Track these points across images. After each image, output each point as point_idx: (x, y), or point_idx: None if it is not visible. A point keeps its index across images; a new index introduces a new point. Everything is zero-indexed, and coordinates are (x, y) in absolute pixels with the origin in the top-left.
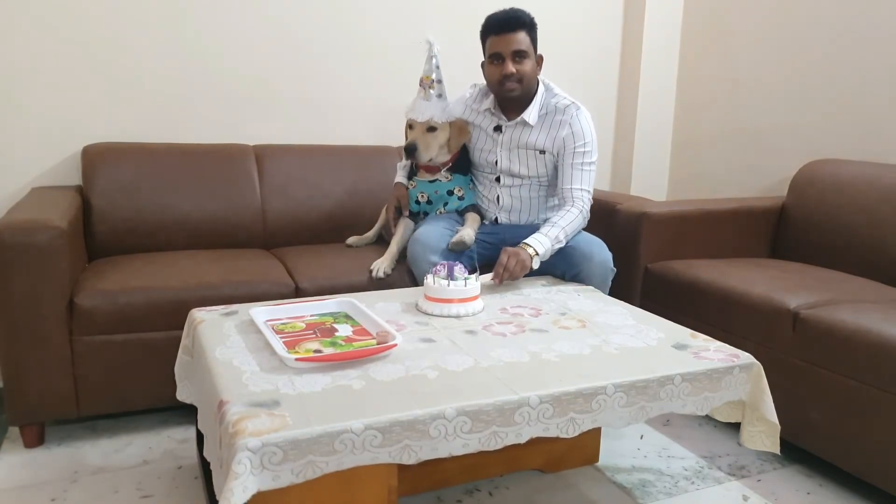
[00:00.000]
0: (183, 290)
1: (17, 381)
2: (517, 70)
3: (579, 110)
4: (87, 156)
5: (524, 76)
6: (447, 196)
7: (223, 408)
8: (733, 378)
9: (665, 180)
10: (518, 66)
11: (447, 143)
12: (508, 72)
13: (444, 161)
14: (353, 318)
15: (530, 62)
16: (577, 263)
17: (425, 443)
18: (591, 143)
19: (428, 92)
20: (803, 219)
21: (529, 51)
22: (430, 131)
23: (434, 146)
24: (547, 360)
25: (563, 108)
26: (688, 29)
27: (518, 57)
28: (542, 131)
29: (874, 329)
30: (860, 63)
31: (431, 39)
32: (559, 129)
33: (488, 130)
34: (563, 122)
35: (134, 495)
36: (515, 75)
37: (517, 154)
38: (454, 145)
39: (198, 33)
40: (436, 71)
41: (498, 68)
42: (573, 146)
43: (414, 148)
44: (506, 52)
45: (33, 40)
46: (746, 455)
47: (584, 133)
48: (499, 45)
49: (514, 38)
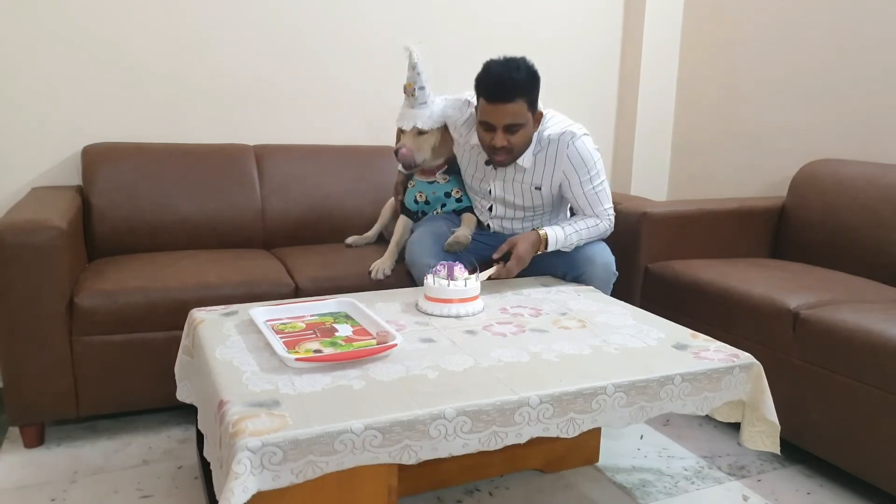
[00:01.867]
0: (183, 290)
1: (16, 381)
2: (509, 142)
3: (574, 138)
4: (87, 156)
5: (515, 147)
6: (444, 198)
7: (223, 408)
8: (733, 378)
9: (665, 180)
10: (510, 136)
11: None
12: (498, 145)
13: (439, 164)
14: (353, 318)
15: (525, 130)
16: (580, 266)
17: (425, 443)
18: (596, 164)
19: (411, 99)
20: (803, 219)
21: (525, 120)
22: (420, 135)
23: (425, 148)
24: (547, 360)
25: (556, 139)
26: (688, 29)
27: (511, 129)
28: (538, 168)
29: (874, 329)
30: (860, 63)
31: (411, 47)
32: (556, 163)
33: (478, 162)
34: (560, 155)
35: (134, 495)
36: (506, 148)
37: (511, 186)
38: (443, 151)
39: (198, 33)
40: (417, 78)
41: (488, 135)
42: (578, 178)
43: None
44: (497, 124)
45: (33, 40)
46: (746, 455)
47: (586, 160)
48: (490, 115)
49: (507, 109)
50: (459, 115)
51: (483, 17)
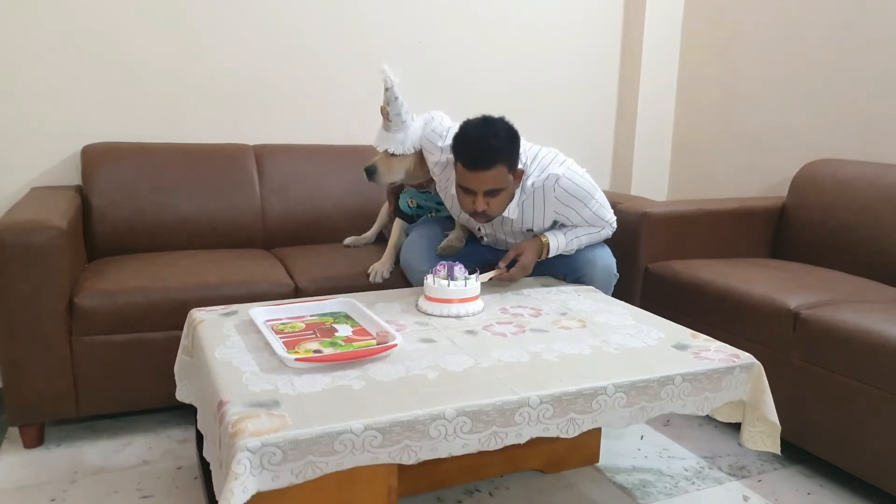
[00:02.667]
0: (182, 290)
1: (16, 381)
2: (489, 205)
3: (559, 180)
4: (87, 156)
5: (496, 211)
6: (437, 206)
7: (223, 408)
8: (734, 378)
9: (665, 180)
10: (490, 199)
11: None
12: (479, 210)
13: (417, 185)
14: (353, 318)
15: (505, 192)
16: (580, 268)
17: (425, 443)
18: (588, 192)
19: (387, 123)
20: (803, 219)
21: (505, 183)
22: (392, 157)
23: (397, 170)
24: (547, 360)
25: (540, 186)
26: (688, 29)
27: (491, 193)
28: (526, 215)
29: (874, 329)
30: (860, 63)
31: (386, 70)
32: (545, 207)
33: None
34: (548, 199)
35: (134, 496)
36: (487, 212)
37: (501, 228)
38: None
39: (198, 33)
40: (393, 102)
41: (469, 198)
42: (574, 210)
43: (374, 170)
44: (477, 190)
45: (33, 40)
46: (747, 455)
47: (577, 194)
48: (469, 182)
49: (487, 176)
50: (434, 157)
51: (483, 18)
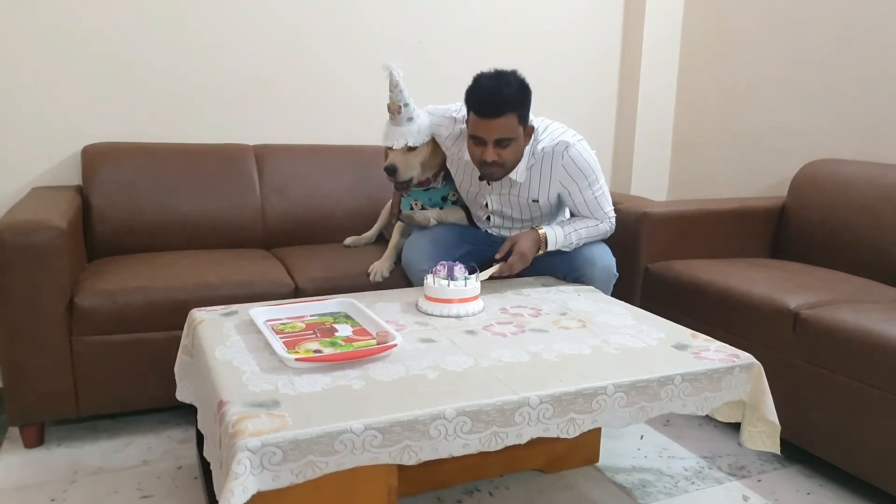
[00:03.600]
0: (182, 290)
1: (16, 381)
2: (499, 157)
3: (568, 148)
4: (87, 156)
5: (507, 162)
6: (441, 202)
7: (223, 408)
8: (733, 378)
9: (665, 180)
10: (500, 151)
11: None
12: (488, 160)
13: (431, 176)
14: (353, 318)
15: (515, 144)
16: (580, 267)
17: (425, 443)
18: (594, 171)
19: (397, 118)
20: (803, 219)
21: (516, 134)
22: (410, 150)
23: (414, 163)
24: (547, 360)
25: (550, 151)
26: (688, 29)
27: (501, 143)
28: (533, 182)
29: (874, 329)
30: (860, 63)
31: (391, 66)
32: (552, 175)
33: (472, 176)
34: (555, 166)
35: (134, 495)
36: (497, 162)
37: (508, 199)
38: (432, 164)
39: (198, 33)
40: (401, 95)
41: (479, 149)
42: (578, 187)
43: (394, 169)
44: (487, 139)
45: (33, 40)
46: (747, 455)
47: (583, 168)
48: (480, 130)
49: (497, 124)
50: (446, 131)
51: (483, 18)
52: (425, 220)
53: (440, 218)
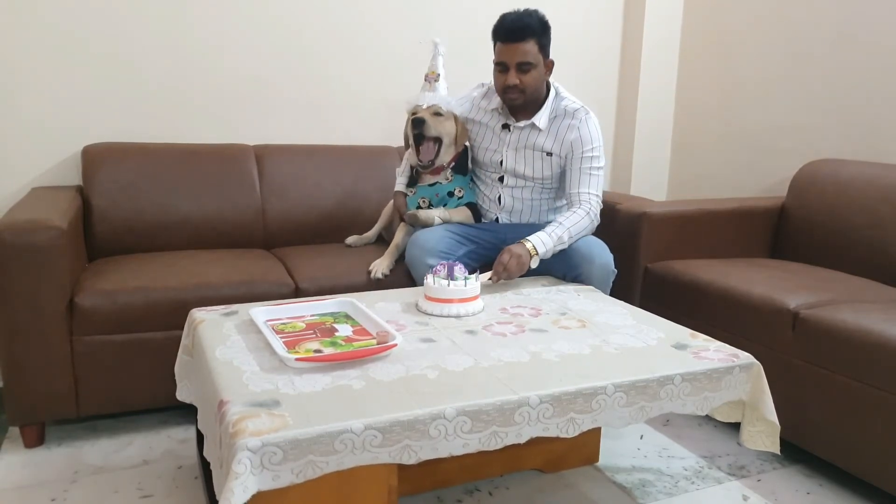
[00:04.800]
0: (183, 290)
1: (17, 381)
2: (520, 81)
3: (588, 115)
4: (87, 156)
5: (527, 87)
6: (447, 198)
7: (223, 408)
8: (733, 378)
9: (665, 180)
10: (522, 76)
11: (455, 139)
12: (511, 83)
13: (449, 159)
14: (353, 318)
15: (536, 72)
16: (578, 265)
17: (425, 443)
18: (599, 147)
19: (433, 85)
20: (803, 219)
21: (536, 60)
22: (436, 115)
23: (437, 128)
24: (547, 360)
25: (572, 112)
26: (688, 29)
27: (522, 68)
28: (551, 135)
29: (874, 329)
30: (860, 63)
31: (438, 41)
32: (567, 133)
33: (496, 129)
34: (572, 127)
35: (134, 495)
36: (518, 86)
37: (523, 154)
38: (460, 141)
39: (198, 33)
40: (441, 69)
41: (502, 76)
42: (581, 151)
43: (422, 121)
44: (510, 63)
45: (33, 40)
46: (746, 455)
47: (593, 138)
48: (504, 55)
49: (520, 48)
50: (478, 91)
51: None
52: (430, 219)
53: (445, 217)
